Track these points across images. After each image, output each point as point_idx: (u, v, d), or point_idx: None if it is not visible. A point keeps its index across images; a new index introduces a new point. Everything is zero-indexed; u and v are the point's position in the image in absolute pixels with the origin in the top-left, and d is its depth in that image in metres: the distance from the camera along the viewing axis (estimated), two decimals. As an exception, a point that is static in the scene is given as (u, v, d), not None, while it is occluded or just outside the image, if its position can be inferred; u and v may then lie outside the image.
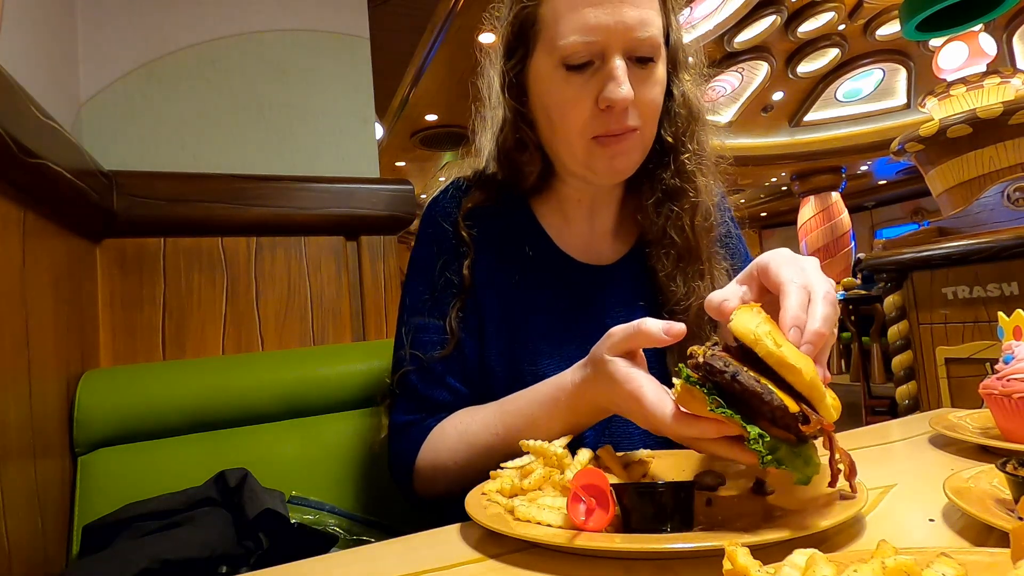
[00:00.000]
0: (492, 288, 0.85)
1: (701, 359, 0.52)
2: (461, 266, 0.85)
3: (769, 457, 0.50)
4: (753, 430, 0.50)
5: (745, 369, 0.51)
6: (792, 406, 0.49)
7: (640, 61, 0.76)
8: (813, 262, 0.61)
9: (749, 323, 0.52)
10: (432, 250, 0.88)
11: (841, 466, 0.53)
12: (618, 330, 0.63)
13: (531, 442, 0.64)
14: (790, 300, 0.56)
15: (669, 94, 0.85)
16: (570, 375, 0.69)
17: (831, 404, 0.52)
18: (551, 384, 0.71)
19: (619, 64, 0.74)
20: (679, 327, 0.60)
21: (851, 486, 0.54)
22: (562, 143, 0.81)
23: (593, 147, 0.79)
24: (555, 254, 0.88)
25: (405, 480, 0.82)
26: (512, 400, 0.75)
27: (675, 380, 0.56)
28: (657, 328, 0.60)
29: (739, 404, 0.51)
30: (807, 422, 0.49)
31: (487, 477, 0.65)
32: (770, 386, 0.50)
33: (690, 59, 0.89)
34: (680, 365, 0.55)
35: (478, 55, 0.91)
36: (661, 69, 0.80)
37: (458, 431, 0.78)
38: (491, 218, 0.88)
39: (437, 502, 0.82)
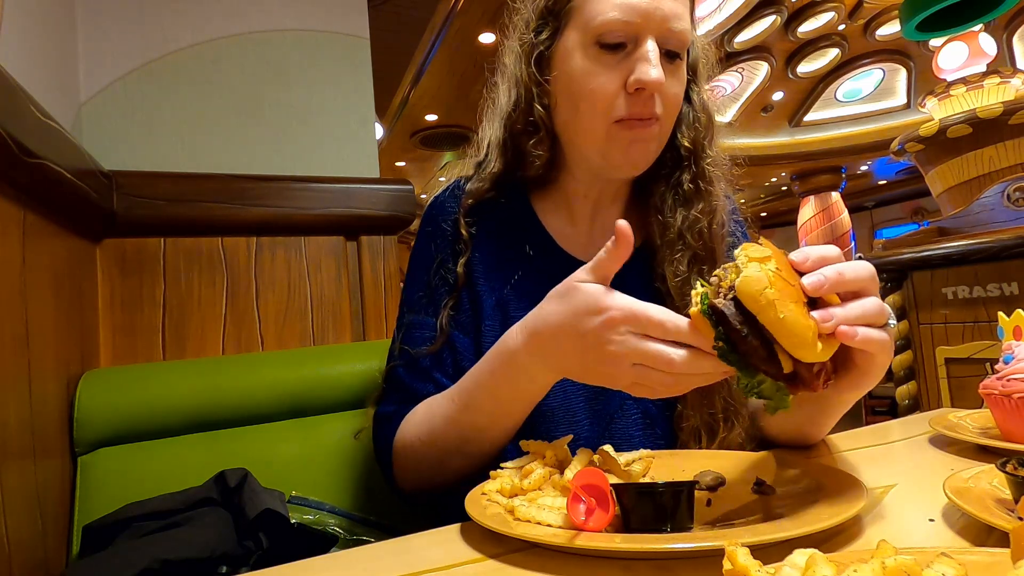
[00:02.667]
0: (489, 285, 0.85)
1: (717, 301, 0.52)
2: (457, 263, 0.85)
3: (748, 387, 0.53)
4: (743, 379, 0.53)
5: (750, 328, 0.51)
6: (787, 365, 0.51)
7: (668, 55, 0.77)
8: None
9: (756, 285, 0.50)
10: (429, 249, 0.88)
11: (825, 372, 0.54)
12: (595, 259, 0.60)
13: (531, 441, 0.64)
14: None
15: (689, 100, 0.86)
16: (517, 326, 0.68)
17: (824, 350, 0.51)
18: (499, 340, 0.70)
19: (652, 47, 0.75)
20: (623, 229, 0.57)
21: (823, 384, 0.54)
22: (582, 126, 0.80)
23: (615, 131, 0.78)
24: (556, 252, 0.88)
25: (388, 471, 0.82)
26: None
27: (693, 295, 0.55)
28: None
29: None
30: (801, 384, 0.51)
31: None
32: (773, 347, 0.51)
33: (705, 68, 0.90)
34: (701, 286, 0.54)
35: (508, 19, 0.89)
36: (684, 69, 0.81)
37: (424, 407, 0.78)
38: (491, 216, 0.88)
39: (420, 496, 0.81)
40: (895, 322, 0.62)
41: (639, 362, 0.57)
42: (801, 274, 0.53)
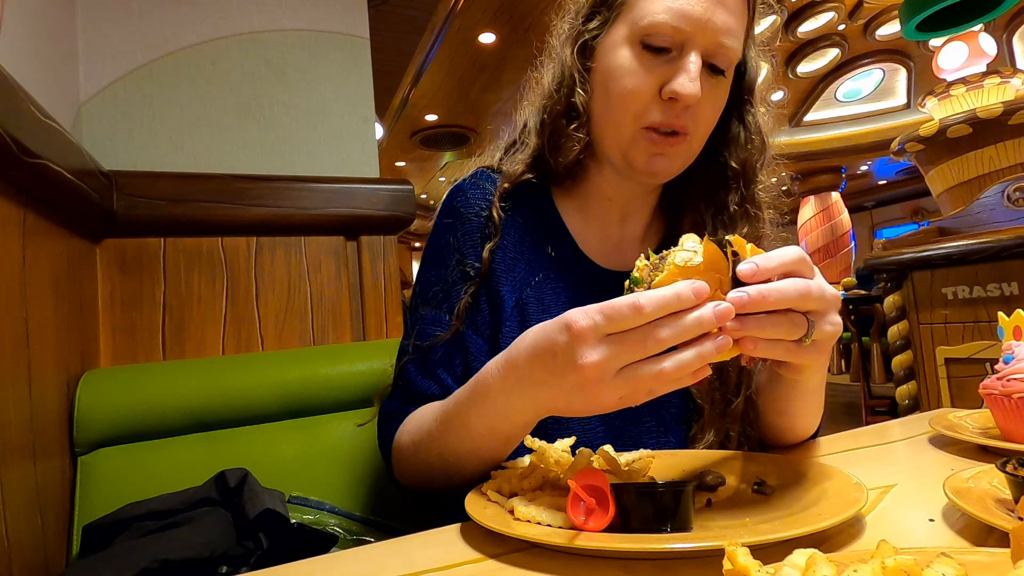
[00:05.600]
0: (511, 284, 0.83)
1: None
2: (482, 250, 0.82)
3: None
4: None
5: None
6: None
7: (712, 69, 0.76)
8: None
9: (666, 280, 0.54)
10: (448, 240, 0.85)
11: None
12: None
13: (535, 441, 0.64)
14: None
15: (742, 120, 0.84)
16: (496, 359, 0.63)
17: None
18: (479, 371, 0.66)
19: (696, 60, 0.73)
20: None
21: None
22: (611, 122, 0.79)
23: (641, 136, 0.77)
24: (576, 256, 0.86)
25: (389, 464, 0.81)
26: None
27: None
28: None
29: None
30: None
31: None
32: None
33: (763, 91, 0.88)
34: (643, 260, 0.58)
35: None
36: (726, 88, 0.79)
37: (417, 415, 0.76)
38: (518, 209, 0.86)
39: (425, 495, 0.81)
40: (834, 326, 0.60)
41: (622, 364, 0.51)
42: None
